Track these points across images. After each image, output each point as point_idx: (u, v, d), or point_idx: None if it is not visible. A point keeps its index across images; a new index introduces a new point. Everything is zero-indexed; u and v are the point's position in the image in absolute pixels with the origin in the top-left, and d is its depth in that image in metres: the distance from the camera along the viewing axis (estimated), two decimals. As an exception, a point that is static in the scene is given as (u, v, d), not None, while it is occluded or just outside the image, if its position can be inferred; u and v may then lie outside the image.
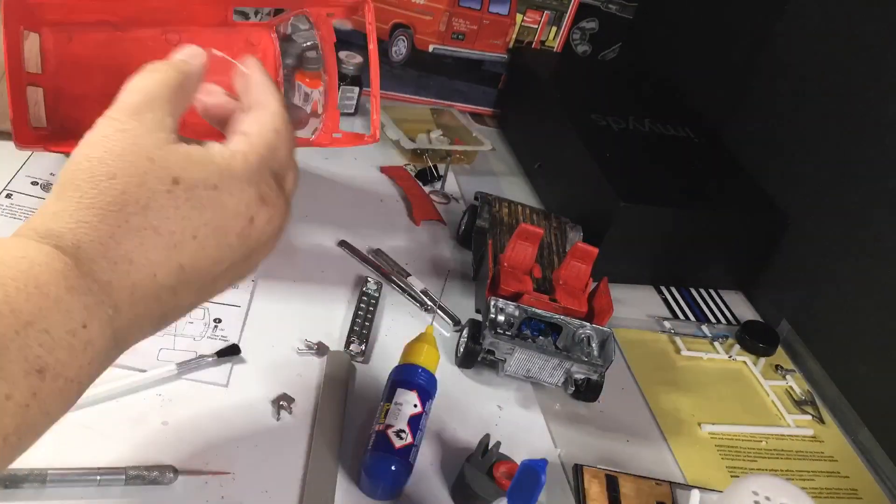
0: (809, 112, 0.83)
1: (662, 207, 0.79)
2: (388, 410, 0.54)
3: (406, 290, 0.71)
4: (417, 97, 1.03)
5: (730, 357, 0.77)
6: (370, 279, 0.70)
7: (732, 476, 0.64)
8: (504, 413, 0.63)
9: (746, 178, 0.87)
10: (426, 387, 0.56)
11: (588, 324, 0.65)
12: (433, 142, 0.94)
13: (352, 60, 0.91)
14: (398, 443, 0.52)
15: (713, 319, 0.82)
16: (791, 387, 0.75)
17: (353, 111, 0.94)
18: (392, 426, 0.53)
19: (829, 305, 0.78)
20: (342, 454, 0.54)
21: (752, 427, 0.69)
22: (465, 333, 0.65)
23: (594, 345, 0.64)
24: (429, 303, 0.70)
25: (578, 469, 0.59)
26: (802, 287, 0.81)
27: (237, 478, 0.50)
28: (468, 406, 0.62)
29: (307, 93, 0.88)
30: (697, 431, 0.67)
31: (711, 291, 0.86)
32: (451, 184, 0.90)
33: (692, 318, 0.81)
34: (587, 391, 0.64)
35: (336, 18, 0.68)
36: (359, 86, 0.93)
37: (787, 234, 0.82)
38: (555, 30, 1.04)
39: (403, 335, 0.61)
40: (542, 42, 1.04)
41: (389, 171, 0.88)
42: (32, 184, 0.68)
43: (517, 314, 0.64)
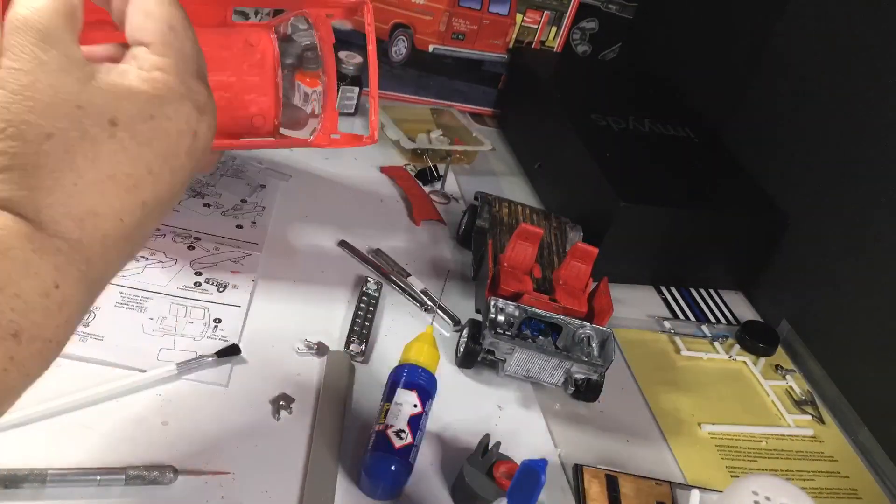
0: (809, 112, 0.83)
1: (662, 207, 0.79)
2: (388, 410, 0.54)
3: (406, 290, 0.71)
4: (417, 97, 1.03)
5: (730, 357, 0.77)
6: (370, 279, 0.70)
7: (732, 476, 0.64)
8: (504, 413, 0.63)
9: (746, 178, 0.87)
10: (426, 387, 0.56)
11: (588, 324, 0.65)
12: (433, 142, 0.94)
13: (352, 60, 0.91)
14: (398, 443, 0.52)
15: (713, 319, 0.82)
16: (791, 387, 0.75)
17: (353, 111, 0.94)
18: (392, 426, 0.53)
19: (829, 305, 0.78)
20: (342, 454, 0.54)
21: (752, 427, 0.69)
22: (465, 333, 0.65)
23: (594, 345, 0.64)
24: (429, 303, 0.70)
25: (578, 469, 0.59)
26: (802, 287, 0.81)
27: (237, 478, 0.50)
28: (468, 406, 0.62)
29: (307, 92, 0.88)
30: (697, 431, 0.67)
31: (711, 291, 0.86)
32: (451, 184, 0.90)
33: (692, 318, 0.81)
34: (587, 391, 0.64)
35: (335, 19, 0.68)
36: (359, 86, 0.93)
37: (787, 234, 0.82)
38: (555, 30, 1.04)
39: (403, 335, 0.61)
40: (542, 42, 1.04)
41: (389, 171, 0.88)
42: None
43: (517, 314, 0.64)
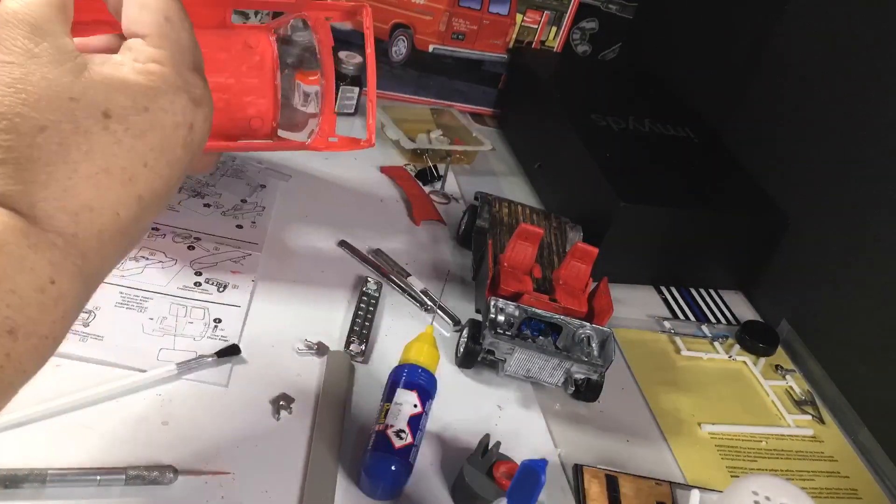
0: (809, 112, 0.83)
1: (662, 207, 0.79)
2: (388, 410, 0.54)
3: (406, 291, 0.71)
4: (417, 97, 1.03)
5: (730, 357, 0.77)
6: (370, 279, 0.70)
7: (732, 476, 0.64)
8: (504, 413, 0.63)
9: (746, 178, 0.87)
10: (426, 387, 0.56)
11: (588, 324, 0.65)
12: (433, 142, 0.94)
13: (351, 60, 0.91)
14: (398, 443, 0.52)
15: (713, 319, 0.82)
16: (791, 387, 0.75)
17: (353, 111, 0.94)
18: (392, 426, 0.53)
19: (829, 305, 0.78)
20: (342, 454, 0.54)
21: (752, 427, 0.69)
22: (465, 333, 0.65)
23: (594, 345, 0.64)
24: (429, 303, 0.70)
25: (578, 469, 0.59)
26: (802, 287, 0.81)
27: (237, 478, 0.50)
28: (468, 406, 0.62)
29: (307, 92, 0.88)
30: (697, 431, 0.67)
31: (711, 291, 0.86)
32: (451, 184, 0.90)
33: (692, 318, 0.81)
34: (587, 391, 0.64)
35: (334, 22, 0.68)
36: (359, 86, 0.93)
37: (787, 234, 0.82)
38: (555, 30, 1.04)
39: (403, 335, 0.61)
40: (542, 42, 1.04)
41: (389, 172, 0.88)
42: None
43: (517, 314, 0.64)
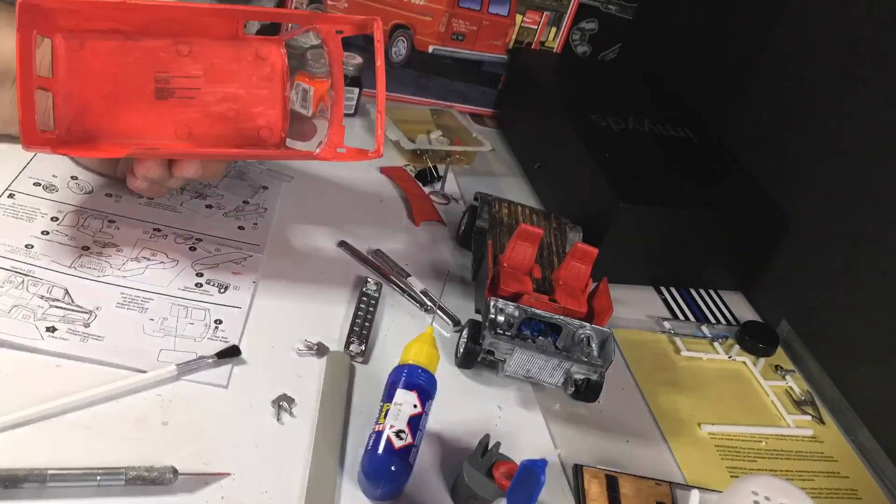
0: (809, 112, 0.83)
1: (662, 208, 0.79)
2: (388, 410, 0.54)
3: (406, 291, 0.71)
4: (417, 98, 1.03)
5: (730, 357, 0.77)
6: (370, 280, 0.70)
7: (732, 476, 0.64)
8: (504, 413, 0.63)
9: (746, 178, 0.87)
10: (426, 387, 0.56)
11: (588, 324, 0.65)
12: (433, 142, 0.94)
13: (351, 61, 0.91)
14: (398, 443, 0.52)
15: (713, 320, 0.82)
16: (791, 387, 0.75)
17: (353, 112, 0.94)
18: (392, 426, 0.53)
19: (829, 305, 0.78)
20: (342, 454, 0.54)
21: (752, 427, 0.69)
22: (465, 334, 0.65)
23: (594, 345, 0.64)
24: (428, 303, 0.71)
25: (578, 469, 0.59)
26: (802, 287, 0.81)
27: (237, 478, 0.50)
28: (468, 406, 0.62)
29: (305, 90, 0.88)
30: (697, 431, 0.67)
31: (711, 292, 0.86)
32: (451, 184, 0.90)
33: (692, 319, 0.81)
34: (587, 391, 0.64)
35: (345, 35, 0.68)
36: (359, 86, 0.93)
37: (787, 234, 0.82)
38: (554, 30, 1.04)
39: (403, 335, 0.61)
40: (542, 43, 1.04)
41: (389, 172, 0.88)
42: (35, 185, 0.68)
43: (517, 314, 0.64)
